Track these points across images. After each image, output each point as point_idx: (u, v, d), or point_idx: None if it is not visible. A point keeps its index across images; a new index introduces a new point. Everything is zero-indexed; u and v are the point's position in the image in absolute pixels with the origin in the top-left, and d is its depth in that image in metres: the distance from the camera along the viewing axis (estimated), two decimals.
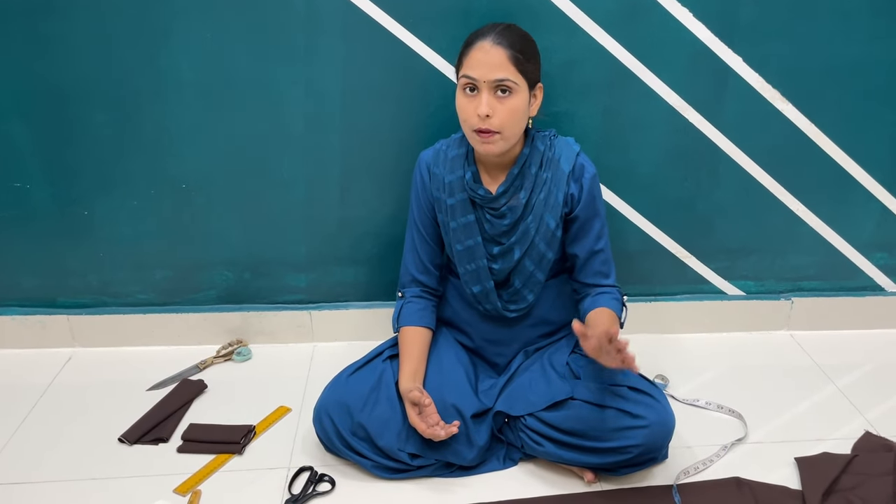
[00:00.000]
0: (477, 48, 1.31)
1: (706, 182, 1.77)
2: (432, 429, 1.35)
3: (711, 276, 1.90)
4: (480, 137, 1.33)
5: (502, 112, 1.32)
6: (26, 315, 1.82)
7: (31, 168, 1.68)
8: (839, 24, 1.63)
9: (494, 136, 1.33)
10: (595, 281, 1.48)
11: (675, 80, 1.65)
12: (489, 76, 1.30)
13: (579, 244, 1.47)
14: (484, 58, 1.30)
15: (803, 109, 1.70)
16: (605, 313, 1.42)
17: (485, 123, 1.31)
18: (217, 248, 1.78)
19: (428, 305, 1.54)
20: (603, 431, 1.34)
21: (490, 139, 1.33)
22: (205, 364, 1.79)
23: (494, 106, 1.31)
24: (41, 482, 1.42)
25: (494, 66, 1.30)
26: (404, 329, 1.51)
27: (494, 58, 1.30)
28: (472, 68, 1.31)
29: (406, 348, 1.48)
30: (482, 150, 1.36)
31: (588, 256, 1.47)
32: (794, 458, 1.47)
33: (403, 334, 1.50)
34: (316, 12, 1.55)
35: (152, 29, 1.55)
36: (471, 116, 1.33)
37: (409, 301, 1.53)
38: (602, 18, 1.58)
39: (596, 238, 1.46)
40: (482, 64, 1.30)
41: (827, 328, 1.95)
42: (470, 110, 1.33)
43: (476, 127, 1.32)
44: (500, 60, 1.30)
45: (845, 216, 1.84)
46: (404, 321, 1.51)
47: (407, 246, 1.56)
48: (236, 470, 1.45)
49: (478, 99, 1.32)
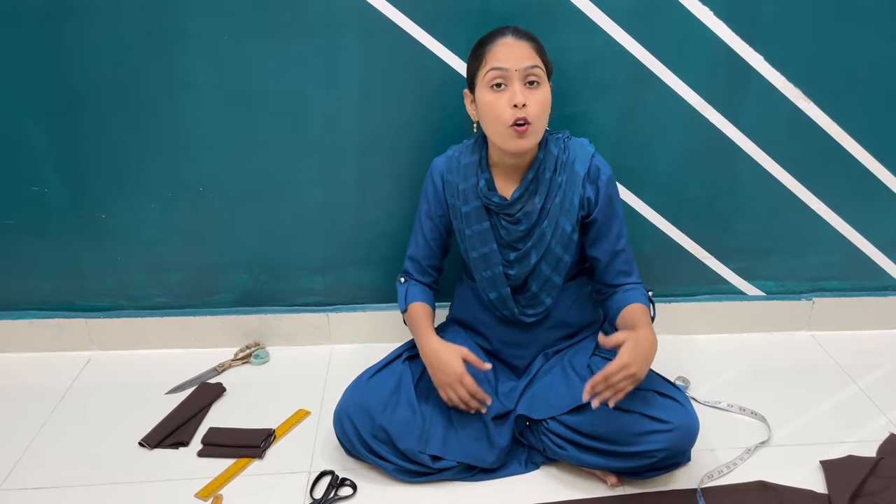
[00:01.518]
0: (500, 43, 1.32)
1: (726, 182, 1.75)
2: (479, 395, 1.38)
3: (731, 276, 1.88)
4: (517, 131, 1.32)
5: (535, 101, 1.32)
6: (44, 318, 1.82)
7: (48, 172, 1.68)
8: (861, 22, 1.60)
9: (528, 127, 1.32)
10: (619, 281, 1.47)
11: (695, 80, 1.64)
12: (520, 64, 1.31)
13: (600, 246, 1.46)
14: (511, 50, 1.31)
15: (825, 108, 1.68)
16: (637, 309, 1.41)
17: (521, 112, 1.30)
18: (234, 251, 1.78)
19: (429, 291, 1.57)
20: (627, 435, 1.33)
21: (526, 131, 1.32)
22: (223, 367, 1.78)
23: (527, 95, 1.31)
24: (61, 486, 1.42)
25: (523, 56, 1.32)
26: (412, 306, 1.52)
27: (521, 49, 1.32)
28: (500, 60, 1.31)
29: (422, 323, 1.48)
30: (516, 147, 1.34)
31: (610, 258, 1.46)
32: (819, 462, 1.46)
33: (413, 310, 1.51)
34: (334, 14, 1.54)
35: (169, 32, 1.54)
36: (504, 110, 1.31)
37: (413, 284, 1.55)
38: (621, 17, 1.57)
39: (616, 238, 1.46)
40: (511, 55, 1.31)
41: (848, 328, 1.93)
42: (502, 104, 1.32)
43: (511, 120, 1.31)
44: (526, 51, 1.32)
45: (867, 215, 1.82)
46: (412, 298, 1.53)
47: (410, 248, 1.57)
48: (257, 474, 1.45)
49: (509, 91, 1.31)
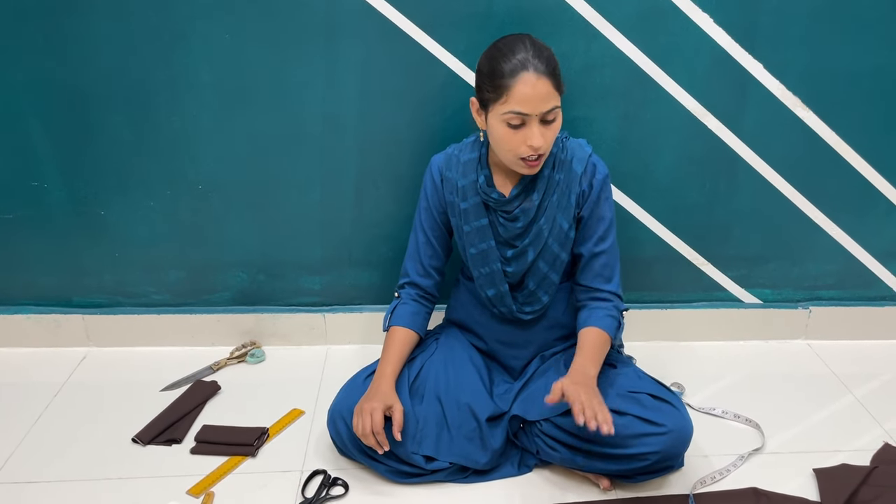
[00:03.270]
0: (521, 82, 1.26)
1: (724, 189, 1.76)
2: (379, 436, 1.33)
3: (728, 283, 1.88)
4: (528, 164, 1.32)
5: (549, 137, 1.31)
6: (42, 314, 1.82)
7: (48, 168, 1.68)
8: (860, 30, 1.61)
9: (541, 159, 1.33)
10: (595, 284, 1.47)
11: (695, 86, 1.64)
12: (541, 108, 1.27)
13: (582, 244, 1.46)
14: (532, 92, 1.26)
15: (824, 117, 1.69)
16: (591, 336, 1.41)
17: (537, 152, 1.30)
18: (232, 250, 1.78)
19: (421, 310, 1.53)
20: (620, 438, 1.32)
21: (538, 164, 1.33)
22: (218, 365, 1.78)
23: (544, 133, 1.30)
24: (54, 481, 1.42)
25: (544, 99, 1.27)
26: (393, 329, 1.50)
27: (542, 90, 1.26)
28: (521, 104, 1.26)
29: (390, 349, 1.47)
30: (525, 173, 1.36)
31: (589, 257, 1.46)
32: (813, 470, 1.45)
33: (391, 334, 1.50)
34: (335, 15, 1.55)
35: (171, 30, 1.55)
36: (519, 146, 1.30)
37: (404, 302, 1.53)
38: (622, 23, 1.57)
39: (599, 239, 1.45)
40: (532, 99, 1.26)
41: (845, 338, 1.93)
42: (517, 142, 1.30)
43: (525, 154, 1.31)
44: (547, 91, 1.27)
45: (865, 225, 1.82)
46: (395, 321, 1.50)
47: (410, 248, 1.55)
48: (249, 472, 1.45)
49: (526, 131, 1.29)
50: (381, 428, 1.33)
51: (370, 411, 1.33)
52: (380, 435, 1.33)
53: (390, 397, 1.37)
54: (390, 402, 1.36)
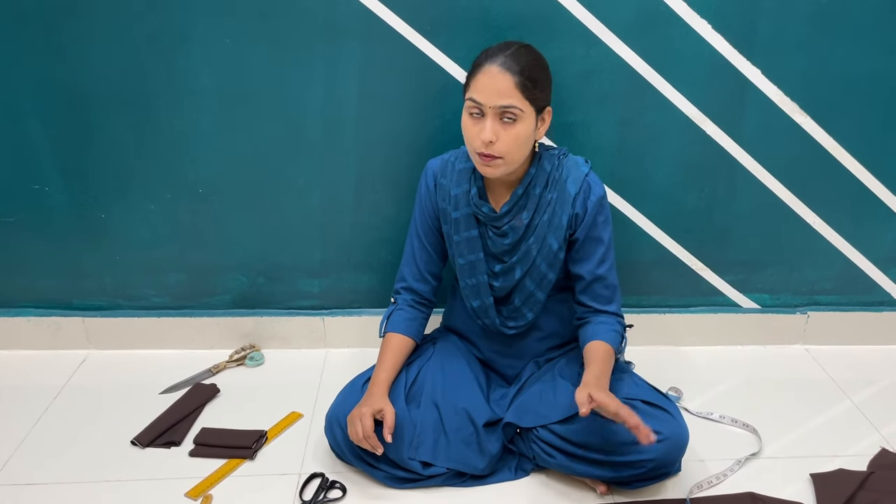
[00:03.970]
0: (484, 72, 1.28)
1: (723, 194, 1.76)
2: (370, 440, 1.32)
3: (726, 288, 1.88)
4: (482, 161, 1.32)
5: (506, 139, 1.30)
6: (42, 317, 1.83)
7: (49, 170, 1.69)
8: (859, 37, 1.61)
9: (497, 160, 1.31)
10: (596, 305, 1.46)
11: (693, 92, 1.65)
12: (494, 102, 1.27)
13: (581, 265, 1.45)
14: (490, 83, 1.27)
15: (822, 122, 1.69)
16: (600, 350, 1.39)
17: (488, 149, 1.30)
18: (232, 253, 1.79)
19: (418, 316, 1.53)
20: (616, 445, 1.33)
21: (491, 163, 1.32)
22: (218, 368, 1.79)
23: (498, 132, 1.29)
24: (53, 483, 1.42)
25: (500, 93, 1.27)
26: (389, 335, 1.50)
27: (501, 84, 1.27)
28: (477, 92, 1.29)
29: (385, 355, 1.47)
30: (483, 173, 1.36)
31: (591, 280, 1.45)
32: (810, 475, 1.46)
33: (387, 340, 1.50)
34: (335, 20, 1.55)
35: (171, 33, 1.56)
36: (474, 139, 1.31)
37: (400, 308, 1.53)
38: (620, 29, 1.58)
39: (598, 262, 1.44)
40: (488, 89, 1.27)
41: (843, 343, 1.93)
42: (474, 133, 1.31)
43: (479, 150, 1.31)
44: (506, 87, 1.27)
45: (863, 230, 1.83)
46: (391, 327, 1.51)
47: (406, 253, 1.55)
48: (248, 475, 1.45)
49: (482, 123, 1.29)
50: (372, 432, 1.33)
51: (359, 417, 1.33)
52: (371, 439, 1.32)
53: (380, 401, 1.37)
54: (379, 406, 1.35)
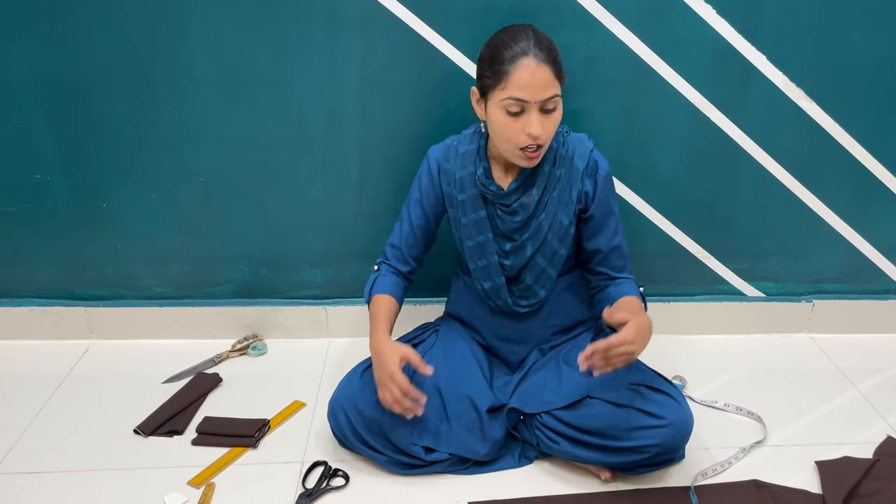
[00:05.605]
0: (521, 67, 1.25)
1: (727, 181, 1.75)
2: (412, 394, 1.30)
3: (731, 276, 1.87)
4: (527, 155, 1.31)
5: (549, 127, 1.29)
6: (44, 307, 1.83)
7: (50, 160, 1.69)
8: (864, 22, 1.60)
9: (540, 149, 1.31)
10: (613, 273, 1.48)
11: (697, 78, 1.63)
12: (540, 97, 1.26)
13: (596, 240, 1.46)
14: (532, 78, 1.25)
15: (827, 109, 1.68)
16: (634, 301, 1.41)
17: (535, 140, 1.29)
18: (234, 243, 1.79)
19: (400, 282, 1.53)
20: (621, 430, 1.33)
21: (537, 154, 1.31)
22: (220, 358, 1.79)
23: (543, 122, 1.28)
24: (56, 472, 1.42)
25: (544, 87, 1.26)
26: (376, 297, 1.48)
27: (542, 77, 1.25)
28: (521, 90, 1.25)
29: (378, 314, 1.44)
30: (525, 165, 1.34)
31: (607, 252, 1.46)
32: (815, 462, 1.45)
33: (375, 302, 1.48)
34: (337, 7, 1.55)
35: (173, 23, 1.55)
36: (518, 135, 1.29)
37: (383, 275, 1.52)
38: (624, 15, 1.57)
39: (612, 234, 1.46)
40: (531, 85, 1.25)
41: (848, 332, 1.92)
42: (516, 130, 1.29)
43: (524, 144, 1.29)
44: (547, 79, 1.26)
45: (869, 218, 1.81)
46: (377, 290, 1.49)
47: (394, 233, 1.54)
48: (250, 463, 1.45)
49: (525, 119, 1.27)
50: (409, 385, 1.31)
51: (390, 376, 1.31)
52: (411, 392, 1.30)
53: (399, 350, 1.34)
54: (401, 355, 1.33)
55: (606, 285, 1.48)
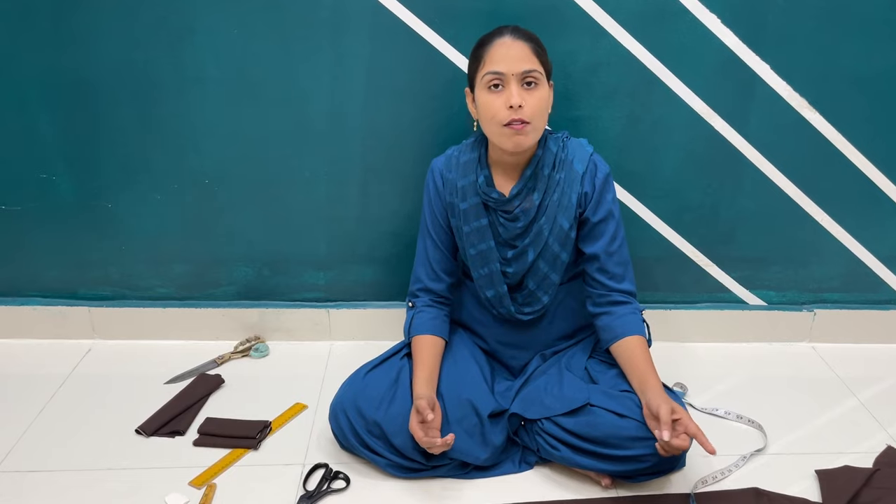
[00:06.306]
0: (498, 44, 1.33)
1: (729, 190, 1.76)
2: (430, 438, 1.30)
3: (732, 284, 1.88)
4: (513, 129, 1.32)
5: (531, 101, 1.32)
6: (48, 306, 1.83)
7: (56, 160, 1.69)
8: (868, 32, 1.61)
9: (526, 126, 1.33)
10: (610, 284, 1.46)
11: (701, 86, 1.64)
12: (517, 68, 1.31)
13: (594, 244, 1.46)
14: (508, 52, 1.32)
15: (830, 118, 1.68)
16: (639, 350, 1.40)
17: (517, 114, 1.31)
18: (237, 244, 1.79)
19: (439, 314, 1.53)
20: (621, 439, 1.32)
21: (523, 130, 1.33)
22: (222, 359, 1.79)
23: (524, 96, 1.32)
24: (58, 471, 1.43)
25: (520, 59, 1.32)
26: (417, 337, 1.49)
27: (518, 51, 1.32)
28: (497, 63, 1.32)
29: (420, 355, 1.46)
30: (513, 145, 1.35)
31: (604, 258, 1.45)
32: (815, 471, 1.45)
33: (417, 342, 1.49)
34: (342, 10, 1.55)
35: (178, 24, 1.56)
36: (500, 111, 1.32)
37: (420, 311, 1.52)
38: (628, 22, 1.58)
39: (611, 239, 1.45)
40: (507, 58, 1.32)
41: (850, 341, 1.92)
42: (499, 105, 1.32)
43: (507, 120, 1.32)
44: (524, 53, 1.32)
45: (871, 228, 1.82)
46: (416, 331, 1.49)
47: (418, 254, 1.55)
48: (252, 465, 1.45)
49: (506, 92, 1.32)
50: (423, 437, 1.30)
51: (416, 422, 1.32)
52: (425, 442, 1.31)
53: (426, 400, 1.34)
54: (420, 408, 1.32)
55: (607, 310, 1.46)
